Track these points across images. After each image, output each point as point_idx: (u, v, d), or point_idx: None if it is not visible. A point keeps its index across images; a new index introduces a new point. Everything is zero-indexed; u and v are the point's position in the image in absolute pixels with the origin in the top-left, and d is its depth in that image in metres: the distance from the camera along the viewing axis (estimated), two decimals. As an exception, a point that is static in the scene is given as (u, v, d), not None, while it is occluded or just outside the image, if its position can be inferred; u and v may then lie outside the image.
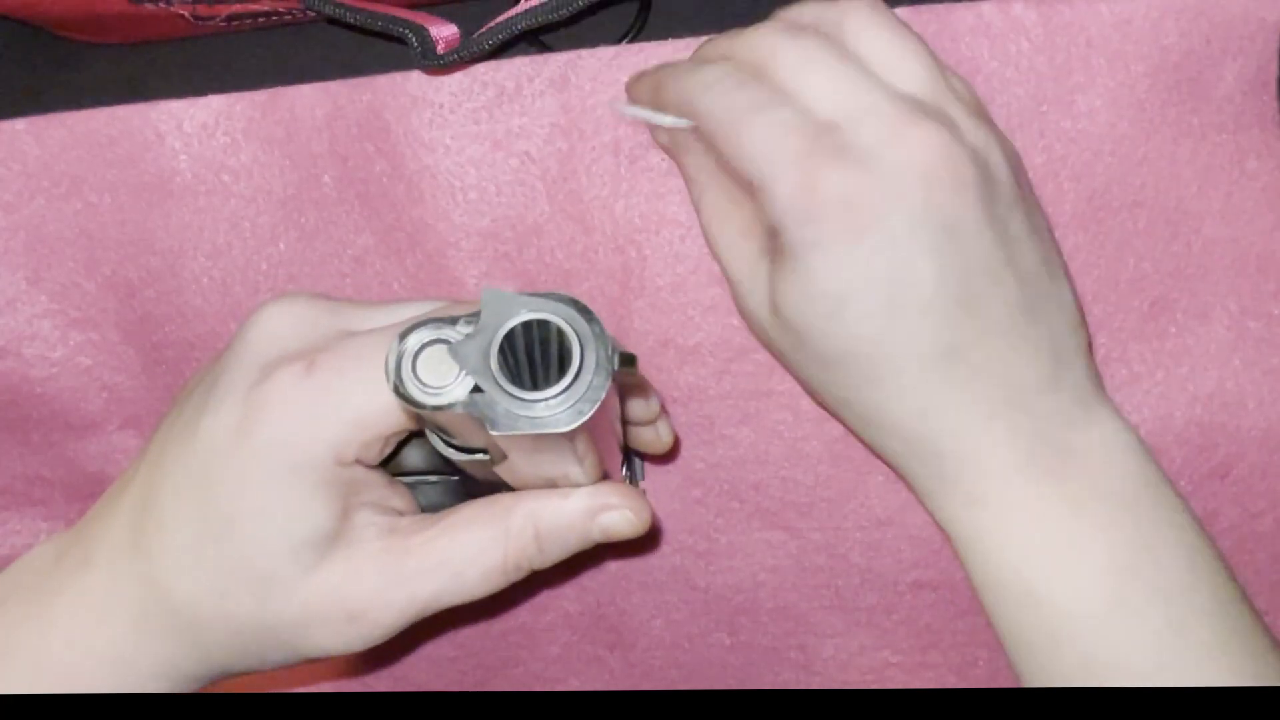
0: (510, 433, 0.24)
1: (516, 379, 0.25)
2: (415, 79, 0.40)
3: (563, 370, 0.25)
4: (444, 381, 0.25)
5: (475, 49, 0.37)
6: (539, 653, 0.43)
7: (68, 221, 0.41)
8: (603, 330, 0.25)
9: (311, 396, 0.29)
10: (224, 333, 0.42)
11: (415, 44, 0.37)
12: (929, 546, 0.41)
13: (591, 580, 0.43)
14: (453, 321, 0.26)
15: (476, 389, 0.25)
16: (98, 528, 0.32)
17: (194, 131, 0.40)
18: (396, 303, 0.32)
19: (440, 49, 0.37)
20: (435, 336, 0.25)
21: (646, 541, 0.42)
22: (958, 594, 0.41)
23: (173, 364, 0.42)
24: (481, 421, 0.24)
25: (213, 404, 0.30)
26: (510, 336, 0.25)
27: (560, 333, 0.25)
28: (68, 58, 0.42)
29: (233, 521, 0.30)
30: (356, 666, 0.44)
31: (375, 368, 0.29)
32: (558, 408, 0.24)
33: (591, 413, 0.24)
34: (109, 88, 0.41)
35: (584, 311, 0.25)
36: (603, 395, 0.25)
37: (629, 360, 0.26)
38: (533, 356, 0.26)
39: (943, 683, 0.41)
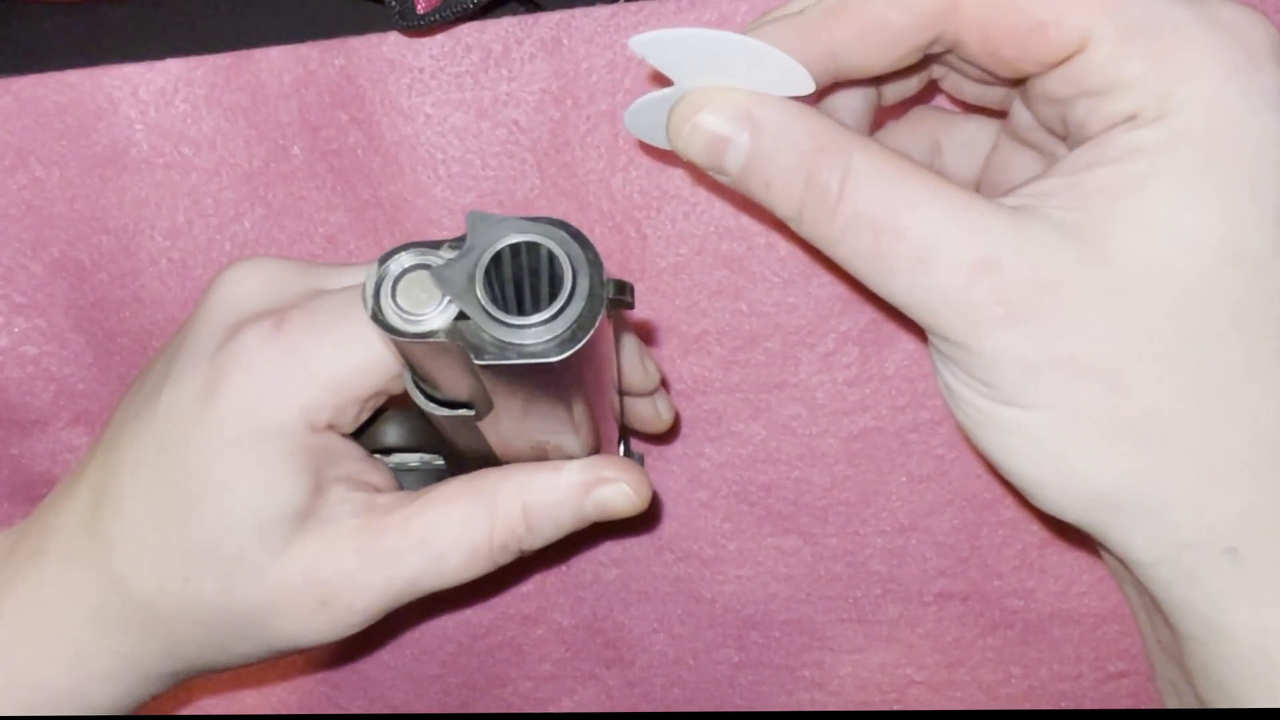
0: (496, 362, 0.24)
1: (504, 307, 0.24)
2: (393, 41, 0.38)
3: (553, 300, 0.24)
4: (426, 309, 0.24)
5: (459, 8, 0.36)
6: (529, 670, 0.42)
7: (12, 197, 0.40)
8: (597, 256, 0.24)
9: (280, 355, 0.29)
10: (183, 318, 0.39)
11: (393, 2, 0.36)
12: (956, 554, 0.40)
13: (587, 591, 0.42)
14: (436, 246, 0.25)
15: (461, 316, 0.24)
16: (51, 516, 0.32)
17: (151, 99, 0.39)
18: (372, 262, 0.32)
19: (420, 8, 0.37)
20: (418, 261, 0.25)
21: (647, 545, 0.41)
22: (988, 606, 0.40)
23: (127, 353, 0.41)
24: (466, 353, 0.24)
25: (175, 373, 0.30)
26: (498, 261, 0.24)
27: (551, 258, 0.24)
28: (12, 17, 0.41)
29: (196, 498, 0.29)
30: (330, 664, 0.43)
31: (350, 325, 0.28)
32: (546, 336, 0.24)
33: (583, 342, 0.24)
34: (58, 50, 0.40)
35: (577, 236, 0.24)
36: (595, 324, 0.24)
37: (624, 288, 0.25)
38: (520, 285, 0.25)
39: (971, 703, 0.40)
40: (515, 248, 0.24)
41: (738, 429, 0.40)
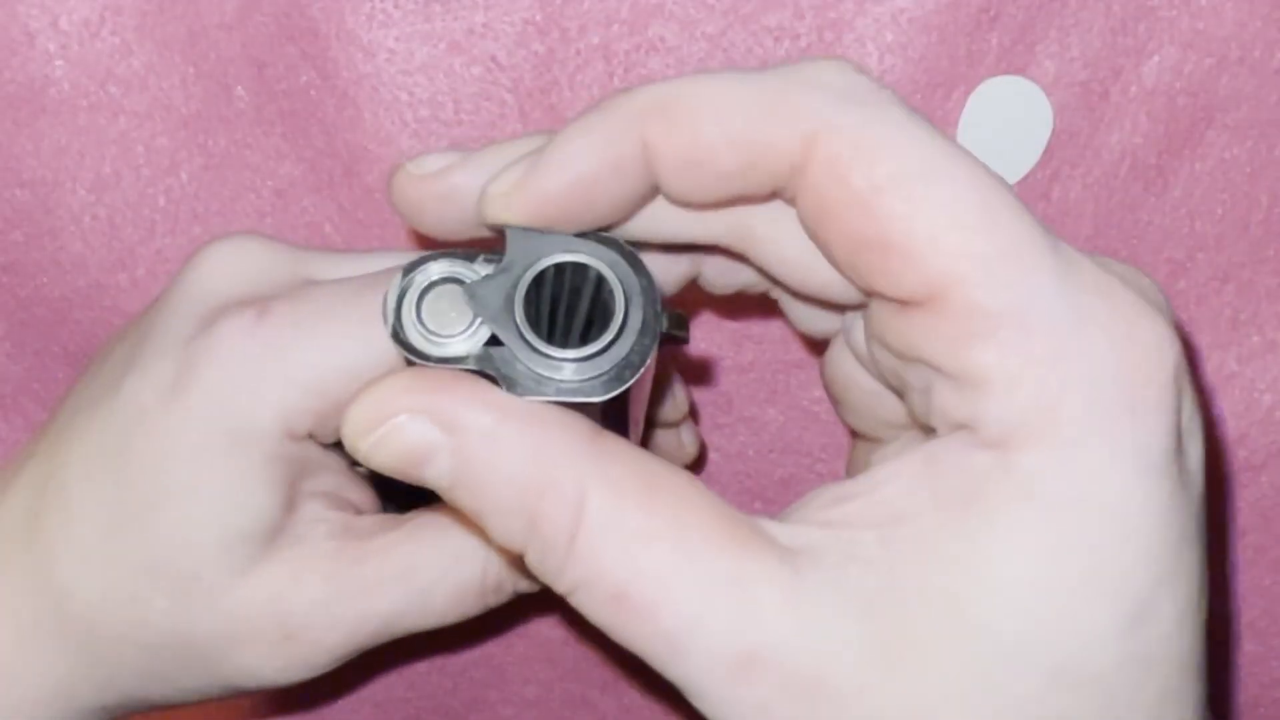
0: (531, 398, 0.23)
1: (540, 333, 0.23)
2: (351, -37, 0.37)
3: (589, 327, 0.24)
4: (454, 330, 0.23)
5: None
6: (510, 694, 0.41)
7: (-89, 144, 0.38)
8: (651, 283, 0.23)
9: (261, 350, 0.28)
10: (110, 286, 0.38)
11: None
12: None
13: (577, 602, 0.40)
14: (469, 258, 0.24)
15: (493, 341, 0.23)
16: None
17: (73, 30, 0.37)
18: (369, 251, 0.31)
19: (383, -78, 0.34)
20: (448, 274, 0.24)
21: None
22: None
23: (46, 326, 0.39)
24: (495, 383, 0.23)
25: (140, 361, 0.29)
26: (539, 282, 0.24)
27: (600, 282, 0.23)
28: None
29: (153, 504, 0.28)
30: (290, 707, 0.41)
31: (341, 322, 0.28)
32: (590, 372, 0.23)
33: (632, 382, 0.23)
34: (-35, -25, 0.38)
35: (630, 258, 0.23)
36: (647, 361, 0.23)
37: (680, 322, 0.24)
38: (557, 304, 0.25)
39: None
40: (559, 268, 0.23)
41: (750, 414, 0.39)
